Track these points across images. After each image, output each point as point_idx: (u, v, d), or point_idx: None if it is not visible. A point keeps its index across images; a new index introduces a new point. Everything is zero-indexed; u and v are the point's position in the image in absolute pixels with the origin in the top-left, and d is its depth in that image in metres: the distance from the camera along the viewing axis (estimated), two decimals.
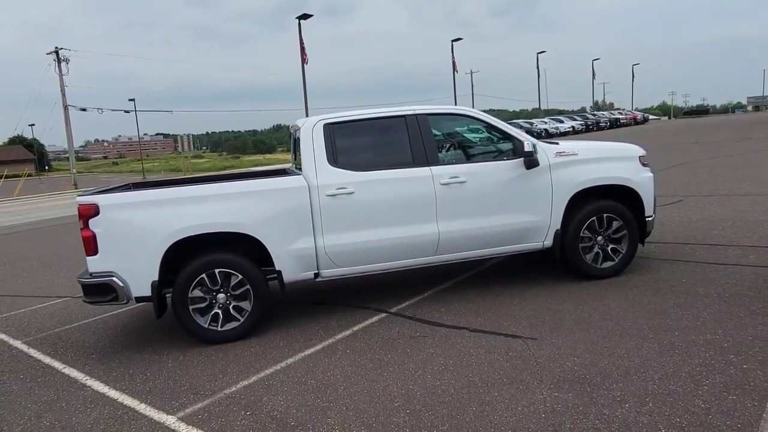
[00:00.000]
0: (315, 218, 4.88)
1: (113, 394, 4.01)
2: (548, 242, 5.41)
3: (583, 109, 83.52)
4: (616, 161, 5.56)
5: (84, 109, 40.99)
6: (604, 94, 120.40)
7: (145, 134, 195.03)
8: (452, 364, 3.93)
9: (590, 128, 48.71)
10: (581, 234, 5.41)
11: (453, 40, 45.16)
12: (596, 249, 5.50)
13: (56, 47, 38.05)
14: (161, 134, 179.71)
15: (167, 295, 4.91)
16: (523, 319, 4.64)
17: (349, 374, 3.93)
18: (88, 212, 4.53)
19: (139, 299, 4.69)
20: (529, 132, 43.26)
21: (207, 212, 4.67)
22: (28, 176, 53.38)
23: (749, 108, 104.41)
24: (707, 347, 3.78)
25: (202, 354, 4.60)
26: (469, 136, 5.77)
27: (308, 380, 3.91)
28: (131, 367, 4.50)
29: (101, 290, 4.59)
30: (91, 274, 4.60)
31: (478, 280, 5.92)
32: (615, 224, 5.48)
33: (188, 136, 44.35)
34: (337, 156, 5.01)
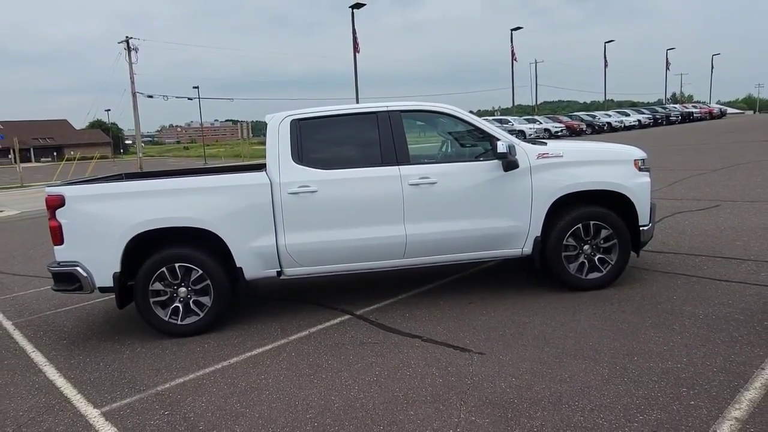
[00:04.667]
0: (276, 216, 4.81)
1: (60, 382, 4.12)
2: (527, 250, 5.09)
3: (659, 101, 79.01)
4: (606, 164, 5.14)
5: (151, 96, 42.98)
6: (681, 86, 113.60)
7: (216, 120, 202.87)
8: (385, 376, 3.76)
9: (659, 122, 45.87)
10: (565, 242, 5.05)
11: (512, 29, 43.78)
12: (582, 258, 5.12)
13: (126, 36, 40.02)
14: (230, 120, 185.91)
15: None
16: (482, 331, 4.39)
17: (281, 379, 3.85)
18: (55, 203, 4.66)
19: (102, 289, 4.79)
20: (590, 125, 41.36)
21: (167, 207, 4.69)
22: (102, 158, 56.54)
23: None
24: (661, 377, 3.41)
25: (159, 347, 4.65)
26: (447, 134, 5.50)
27: (239, 382, 3.85)
28: (90, 354, 4.62)
29: (66, 279, 4.72)
30: (58, 263, 4.74)
31: (458, 286, 5.66)
32: (604, 233, 5.08)
33: (247, 123, 45.73)
34: (302, 153, 4.90)
